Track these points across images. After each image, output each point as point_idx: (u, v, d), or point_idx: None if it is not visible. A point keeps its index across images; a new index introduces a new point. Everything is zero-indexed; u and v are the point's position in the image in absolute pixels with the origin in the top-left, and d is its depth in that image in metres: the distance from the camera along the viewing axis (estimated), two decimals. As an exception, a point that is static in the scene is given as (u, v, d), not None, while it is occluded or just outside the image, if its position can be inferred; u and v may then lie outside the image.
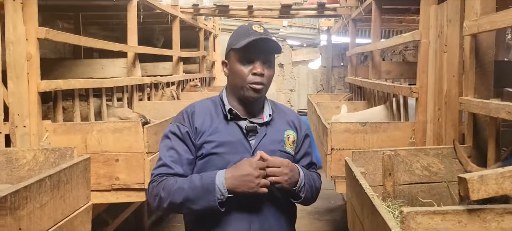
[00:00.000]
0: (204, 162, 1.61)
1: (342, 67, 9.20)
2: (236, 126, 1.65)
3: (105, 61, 4.43)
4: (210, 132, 1.62)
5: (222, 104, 1.69)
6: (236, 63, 1.62)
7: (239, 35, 1.64)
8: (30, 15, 2.55)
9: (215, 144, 1.60)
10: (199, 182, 1.49)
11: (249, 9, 6.06)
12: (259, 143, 1.64)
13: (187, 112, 1.68)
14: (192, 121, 1.64)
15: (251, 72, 1.61)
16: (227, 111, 1.66)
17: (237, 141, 1.63)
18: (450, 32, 2.46)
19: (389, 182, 2.16)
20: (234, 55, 1.63)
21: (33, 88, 2.63)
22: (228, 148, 1.61)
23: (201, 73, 7.02)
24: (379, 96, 4.17)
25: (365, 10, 4.77)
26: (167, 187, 1.52)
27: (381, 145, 2.94)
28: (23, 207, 1.43)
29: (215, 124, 1.64)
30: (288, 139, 1.72)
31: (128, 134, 2.79)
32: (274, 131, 1.70)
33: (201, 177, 1.50)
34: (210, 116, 1.67)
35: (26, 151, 1.97)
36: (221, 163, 1.58)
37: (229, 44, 1.68)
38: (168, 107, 4.32)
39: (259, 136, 1.65)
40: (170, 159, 1.59)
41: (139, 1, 4.24)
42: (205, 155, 1.60)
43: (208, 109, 1.69)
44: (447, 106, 2.53)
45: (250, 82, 1.61)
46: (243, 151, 1.62)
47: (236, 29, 1.72)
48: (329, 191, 6.12)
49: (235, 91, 1.68)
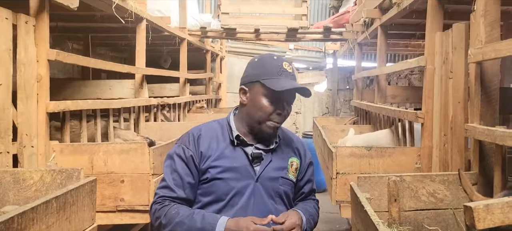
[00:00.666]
0: (208, 186, 1.63)
1: (348, 90, 9.23)
2: (242, 152, 1.67)
3: (113, 82, 4.49)
4: (215, 157, 1.63)
5: (229, 129, 1.70)
6: (262, 98, 1.63)
7: (269, 70, 1.63)
8: (42, 37, 2.60)
9: (220, 169, 1.62)
10: (200, 224, 1.52)
11: (256, 32, 6.13)
12: (264, 170, 1.66)
13: (193, 135, 1.69)
14: (198, 144, 1.65)
15: (276, 112, 1.63)
16: (235, 137, 1.67)
17: (242, 166, 1.64)
18: (455, 58, 2.47)
19: (395, 208, 2.15)
20: (262, 89, 1.63)
21: (42, 109, 2.66)
22: (233, 174, 1.62)
23: (207, 95, 7.07)
24: (385, 120, 4.17)
25: (371, 35, 4.81)
26: (169, 216, 1.56)
27: (386, 170, 2.93)
28: (29, 228, 1.43)
29: (221, 149, 1.66)
30: (291, 166, 1.74)
31: (134, 155, 2.81)
32: (279, 158, 1.72)
33: (203, 218, 1.53)
34: (216, 140, 1.68)
35: (33, 171, 1.99)
36: (225, 188, 1.61)
37: (255, 75, 1.66)
38: (175, 128, 4.34)
39: (264, 162, 1.67)
40: (173, 182, 1.62)
41: (148, 24, 4.31)
42: (210, 180, 1.62)
43: (215, 133, 1.70)
44: (452, 132, 2.53)
45: (273, 120, 1.64)
46: (247, 177, 1.64)
47: (261, 59, 1.71)
48: (334, 215, 6.09)
49: (249, 121, 1.68)
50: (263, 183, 1.66)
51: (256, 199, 1.63)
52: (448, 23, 2.94)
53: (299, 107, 9.47)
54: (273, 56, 1.71)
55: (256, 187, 1.64)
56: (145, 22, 4.23)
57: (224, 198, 1.61)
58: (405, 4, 3.25)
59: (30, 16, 2.57)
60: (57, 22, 4.27)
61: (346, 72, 9.13)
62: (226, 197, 1.61)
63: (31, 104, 2.59)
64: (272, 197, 1.67)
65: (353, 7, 5.92)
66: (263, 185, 1.65)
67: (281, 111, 1.64)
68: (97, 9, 3.71)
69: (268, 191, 1.66)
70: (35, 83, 2.61)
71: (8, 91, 2.39)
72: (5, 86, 2.35)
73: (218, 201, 1.62)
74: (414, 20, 4.12)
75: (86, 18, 4.32)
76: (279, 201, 1.70)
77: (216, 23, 6.80)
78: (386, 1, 3.86)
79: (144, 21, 4.19)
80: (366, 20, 4.77)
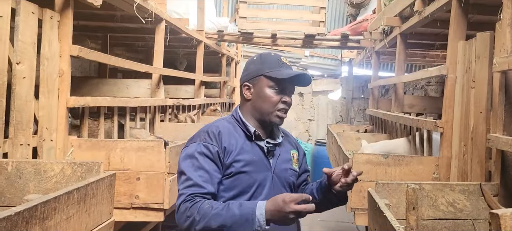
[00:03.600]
0: (232, 180, 1.66)
1: (363, 99, 9.17)
2: (257, 146, 1.75)
3: (130, 82, 4.53)
4: (237, 152, 1.68)
5: (243, 125, 1.77)
6: (267, 89, 1.72)
7: (270, 63, 1.75)
8: (65, 33, 2.64)
9: (243, 163, 1.67)
10: (238, 210, 1.51)
11: (273, 37, 6.14)
12: (276, 162, 1.76)
13: (212, 132, 1.71)
14: (220, 140, 1.68)
15: (281, 101, 1.72)
16: (253, 133, 1.74)
17: (259, 160, 1.72)
18: (478, 68, 2.44)
19: (413, 217, 2.12)
20: (266, 81, 1.72)
21: (63, 104, 2.69)
22: (254, 167, 1.69)
23: (221, 98, 7.08)
24: (401, 129, 4.13)
25: (389, 43, 4.78)
26: (202, 210, 1.53)
27: (403, 179, 2.90)
28: (51, 218, 1.45)
29: (240, 144, 1.71)
30: (293, 157, 1.85)
31: (150, 153, 2.82)
32: (284, 151, 1.82)
33: (240, 206, 1.53)
34: (235, 136, 1.73)
35: (55, 163, 2.01)
36: (248, 181, 1.66)
37: (256, 70, 1.76)
38: (189, 129, 4.36)
39: (275, 156, 1.77)
40: (201, 179, 1.60)
41: (166, 25, 4.34)
42: (234, 174, 1.66)
43: (229, 130, 1.75)
44: (473, 143, 2.49)
45: (279, 110, 1.72)
46: (265, 169, 1.72)
47: (260, 56, 1.82)
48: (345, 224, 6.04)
49: (258, 114, 1.76)
50: (278, 174, 1.75)
51: (275, 190, 1.70)
52: (468, 34, 2.91)
53: (313, 115, 9.43)
54: (271, 53, 1.83)
55: (274, 178, 1.73)
56: (164, 23, 4.27)
57: (249, 191, 1.66)
58: (427, 13, 3.23)
59: (55, 12, 2.61)
60: (78, 21, 4.34)
61: (362, 81, 9.07)
62: (250, 190, 1.66)
63: (52, 98, 2.62)
64: (284, 187, 1.77)
65: (371, 15, 5.90)
66: (278, 176, 1.75)
67: (286, 99, 1.73)
68: (118, 9, 3.76)
69: (282, 181, 1.76)
70: (57, 78, 2.65)
71: (31, 85, 2.42)
72: (28, 79, 2.39)
73: (243, 193, 1.65)
74: (434, 29, 4.09)
75: (106, 18, 4.37)
76: (289, 190, 1.79)
77: (233, 27, 6.83)
78: (407, 9, 3.84)
79: (163, 22, 4.23)
80: (385, 28, 4.74)
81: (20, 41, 2.29)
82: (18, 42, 2.29)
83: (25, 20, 2.33)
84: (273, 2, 7.25)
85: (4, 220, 1.21)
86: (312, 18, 6.79)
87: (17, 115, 2.32)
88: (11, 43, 2.28)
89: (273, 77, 1.70)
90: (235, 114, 1.82)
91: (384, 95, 8.49)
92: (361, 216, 2.97)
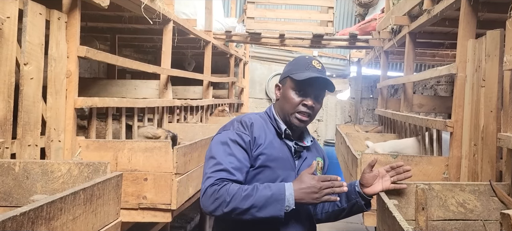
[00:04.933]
0: (257, 172, 1.70)
1: (371, 99, 9.12)
2: (285, 145, 1.78)
3: (138, 82, 4.54)
4: (265, 145, 1.72)
5: (275, 122, 1.81)
6: (290, 90, 1.76)
7: (299, 66, 1.78)
8: (73, 34, 2.65)
9: (270, 157, 1.71)
10: (269, 191, 1.56)
11: (281, 37, 6.12)
12: (301, 164, 1.79)
13: (245, 122, 1.75)
14: (252, 131, 1.72)
15: (302, 103, 1.74)
16: (284, 130, 1.78)
17: (286, 158, 1.76)
18: (488, 66, 2.41)
19: (422, 217, 2.09)
20: (290, 83, 1.77)
21: (70, 104, 2.70)
22: (279, 163, 1.72)
23: (229, 99, 7.08)
24: (411, 129, 4.09)
25: (398, 43, 4.74)
26: (232, 192, 1.55)
27: (412, 179, 2.86)
28: (57, 218, 1.44)
29: (270, 139, 1.75)
30: (318, 165, 1.88)
31: (158, 153, 2.82)
32: (311, 156, 1.86)
33: (269, 187, 1.58)
34: (264, 130, 1.77)
35: (62, 164, 2.01)
36: (272, 176, 1.69)
37: (286, 71, 1.82)
38: (197, 130, 4.36)
39: (301, 157, 1.81)
40: (231, 165, 1.63)
41: (174, 25, 4.35)
42: (259, 166, 1.69)
43: (262, 124, 1.79)
44: (483, 142, 2.45)
45: (298, 112, 1.75)
46: (289, 168, 1.76)
47: (295, 58, 1.87)
48: (353, 224, 6.00)
49: (282, 114, 1.81)
50: None
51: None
52: (478, 33, 2.87)
53: (321, 115, 9.39)
54: (305, 56, 1.85)
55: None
56: (172, 24, 4.27)
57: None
58: (436, 11, 3.19)
59: (63, 12, 2.62)
60: (86, 22, 4.36)
61: (370, 81, 9.02)
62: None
63: (60, 99, 2.63)
64: None
65: (380, 15, 5.85)
66: None
67: (307, 102, 1.73)
68: (125, 10, 3.77)
69: None
70: (65, 79, 2.65)
71: (39, 85, 2.43)
72: (36, 80, 2.40)
73: None
74: (443, 28, 4.04)
75: (114, 19, 4.39)
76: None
77: (241, 28, 6.83)
78: (416, 8, 3.80)
79: (171, 23, 4.23)
80: (394, 27, 4.70)
81: (27, 42, 2.30)
82: (25, 43, 2.30)
83: (33, 21, 2.34)
84: (281, 2, 7.24)
85: (9, 220, 1.21)
86: (320, 18, 6.77)
87: (25, 116, 2.33)
88: (18, 44, 2.29)
89: (295, 79, 1.74)
90: (268, 111, 1.87)
91: (393, 95, 8.43)
92: (370, 217, 2.94)
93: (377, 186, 1.85)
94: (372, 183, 1.85)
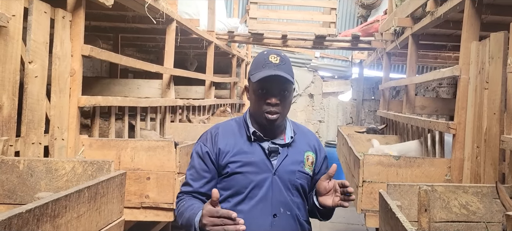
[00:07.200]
0: (229, 180, 1.70)
1: (373, 101, 9.11)
2: (259, 147, 1.74)
3: (141, 82, 4.55)
4: (234, 152, 1.70)
5: (245, 126, 1.78)
6: (253, 91, 1.72)
7: (257, 64, 1.73)
8: (77, 33, 2.66)
9: (239, 164, 1.69)
10: (188, 214, 1.61)
11: (283, 38, 6.12)
12: (281, 163, 1.72)
13: (211, 133, 1.78)
14: (215, 142, 1.73)
15: (265, 102, 1.68)
16: (251, 133, 1.74)
17: (260, 161, 1.71)
18: (492, 68, 2.41)
19: (425, 219, 2.09)
20: (251, 84, 1.73)
21: (74, 103, 2.71)
22: (252, 168, 1.69)
23: (231, 99, 7.09)
24: (413, 131, 4.09)
25: (401, 44, 4.74)
26: (179, 209, 1.69)
27: (414, 180, 2.87)
28: (62, 216, 1.45)
29: (239, 145, 1.73)
30: (307, 160, 1.79)
31: (161, 153, 2.82)
32: (295, 152, 1.77)
33: (192, 209, 1.61)
34: (234, 137, 1.75)
35: (66, 162, 2.02)
36: (244, 182, 1.68)
37: (249, 71, 1.78)
38: (199, 129, 4.36)
39: (280, 156, 1.74)
40: (190, 177, 1.73)
41: (177, 25, 4.35)
42: (230, 174, 1.69)
43: (232, 130, 1.78)
44: (486, 144, 2.45)
45: (265, 112, 1.69)
46: (265, 171, 1.70)
47: (256, 56, 1.80)
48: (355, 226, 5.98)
49: (254, 115, 1.77)
50: (280, 176, 1.71)
51: (274, 192, 1.69)
52: (481, 35, 2.87)
53: (323, 116, 9.39)
54: (264, 52, 1.77)
55: (274, 180, 1.70)
56: (175, 24, 4.28)
57: (244, 191, 1.68)
58: (440, 13, 3.19)
59: (67, 11, 2.63)
60: (90, 21, 4.37)
61: (372, 83, 9.02)
62: (245, 190, 1.68)
63: (64, 97, 2.64)
64: (289, 189, 1.73)
65: (382, 16, 5.86)
66: (280, 178, 1.71)
67: (271, 100, 1.67)
68: (129, 9, 3.78)
69: (286, 183, 1.72)
70: (69, 78, 2.66)
71: (43, 84, 2.44)
72: (40, 78, 2.40)
73: (238, 193, 1.68)
74: (447, 30, 4.05)
75: (117, 18, 4.40)
76: (296, 193, 1.76)
77: (243, 28, 6.83)
78: (419, 10, 3.80)
79: (174, 23, 4.24)
80: (396, 29, 4.71)
81: (32, 41, 2.31)
82: (30, 41, 2.31)
83: (38, 19, 2.35)
84: (284, 3, 7.24)
85: (15, 217, 1.21)
86: (322, 19, 6.77)
87: (29, 114, 2.34)
88: (23, 42, 2.30)
89: (252, 81, 1.70)
90: (244, 115, 1.84)
91: (395, 97, 8.42)
92: (372, 218, 2.95)
93: (328, 199, 1.70)
94: (325, 194, 1.72)
